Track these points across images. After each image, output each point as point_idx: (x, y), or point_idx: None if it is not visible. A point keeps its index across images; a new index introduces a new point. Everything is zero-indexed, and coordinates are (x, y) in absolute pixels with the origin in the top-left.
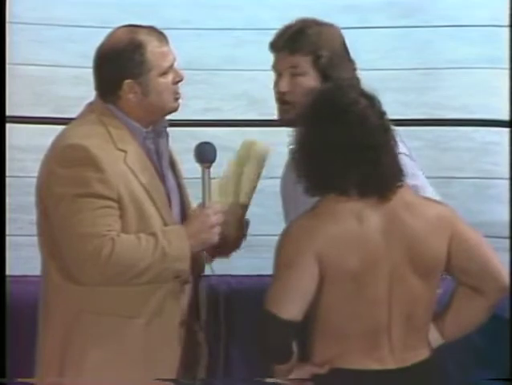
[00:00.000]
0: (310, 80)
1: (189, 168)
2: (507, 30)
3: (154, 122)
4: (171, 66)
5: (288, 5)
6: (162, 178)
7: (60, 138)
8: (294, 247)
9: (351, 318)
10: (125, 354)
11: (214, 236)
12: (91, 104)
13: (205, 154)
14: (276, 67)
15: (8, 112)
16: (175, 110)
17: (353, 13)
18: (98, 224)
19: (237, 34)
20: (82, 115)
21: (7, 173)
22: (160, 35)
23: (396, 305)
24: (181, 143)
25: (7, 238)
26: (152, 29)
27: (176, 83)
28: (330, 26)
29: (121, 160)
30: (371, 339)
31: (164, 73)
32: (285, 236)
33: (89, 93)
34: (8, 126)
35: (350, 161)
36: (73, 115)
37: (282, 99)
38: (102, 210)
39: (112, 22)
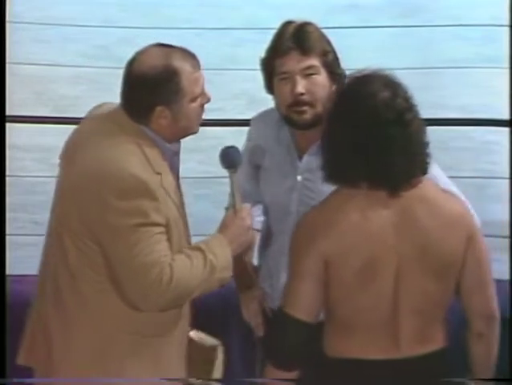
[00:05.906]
0: (323, 78)
1: (189, 167)
2: (507, 29)
3: (176, 140)
4: (202, 91)
5: (288, 5)
6: (181, 192)
7: (102, 163)
8: (301, 247)
9: (355, 310)
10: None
11: (251, 237)
12: (116, 121)
13: (230, 159)
14: (286, 70)
15: (8, 112)
16: (196, 132)
17: (354, 12)
18: (154, 251)
19: (238, 34)
20: (112, 135)
21: (7, 173)
22: (193, 59)
23: (403, 299)
24: (182, 143)
25: (7, 238)
26: (185, 53)
27: (202, 105)
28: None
29: (159, 183)
30: (377, 331)
31: (195, 98)
32: (296, 231)
33: (88, 92)
34: (8, 125)
35: (359, 153)
36: (73, 115)
37: (300, 101)
38: (156, 237)
39: (113, 22)
